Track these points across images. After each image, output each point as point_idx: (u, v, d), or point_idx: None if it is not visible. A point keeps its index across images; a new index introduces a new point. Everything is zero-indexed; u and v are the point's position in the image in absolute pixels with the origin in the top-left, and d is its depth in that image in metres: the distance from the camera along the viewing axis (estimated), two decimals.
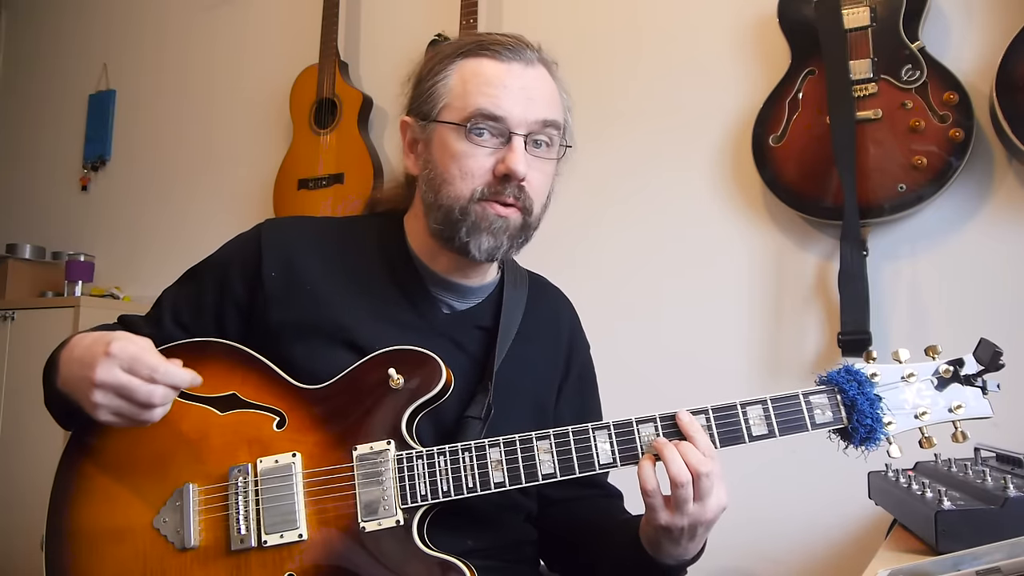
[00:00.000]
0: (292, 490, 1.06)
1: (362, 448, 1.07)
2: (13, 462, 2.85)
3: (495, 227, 1.12)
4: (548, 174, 1.17)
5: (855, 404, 1.01)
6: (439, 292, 1.21)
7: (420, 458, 1.06)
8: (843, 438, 1.04)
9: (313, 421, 1.10)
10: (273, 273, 1.18)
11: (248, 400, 1.11)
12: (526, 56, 1.15)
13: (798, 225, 2.13)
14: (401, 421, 1.08)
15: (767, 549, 2.03)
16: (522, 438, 1.05)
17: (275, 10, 3.10)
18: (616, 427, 1.04)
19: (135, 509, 1.08)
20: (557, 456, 1.04)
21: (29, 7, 3.86)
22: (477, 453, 1.05)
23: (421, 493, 1.04)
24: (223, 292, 1.19)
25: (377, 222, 1.29)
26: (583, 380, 1.35)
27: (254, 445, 1.09)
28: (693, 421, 1.02)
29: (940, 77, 1.89)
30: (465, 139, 1.11)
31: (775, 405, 1.03)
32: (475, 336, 1.22)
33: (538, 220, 1.18)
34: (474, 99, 1.11)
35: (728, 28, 2.27)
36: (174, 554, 1.06)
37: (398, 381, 1.08)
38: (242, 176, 3.02)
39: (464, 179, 1.12)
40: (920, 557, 1.01)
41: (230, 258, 1.22)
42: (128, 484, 1.09)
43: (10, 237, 3.36)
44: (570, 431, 1.05)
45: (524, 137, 1.11)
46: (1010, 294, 1.89)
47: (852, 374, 1.03)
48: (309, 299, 1.17)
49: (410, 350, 1.10)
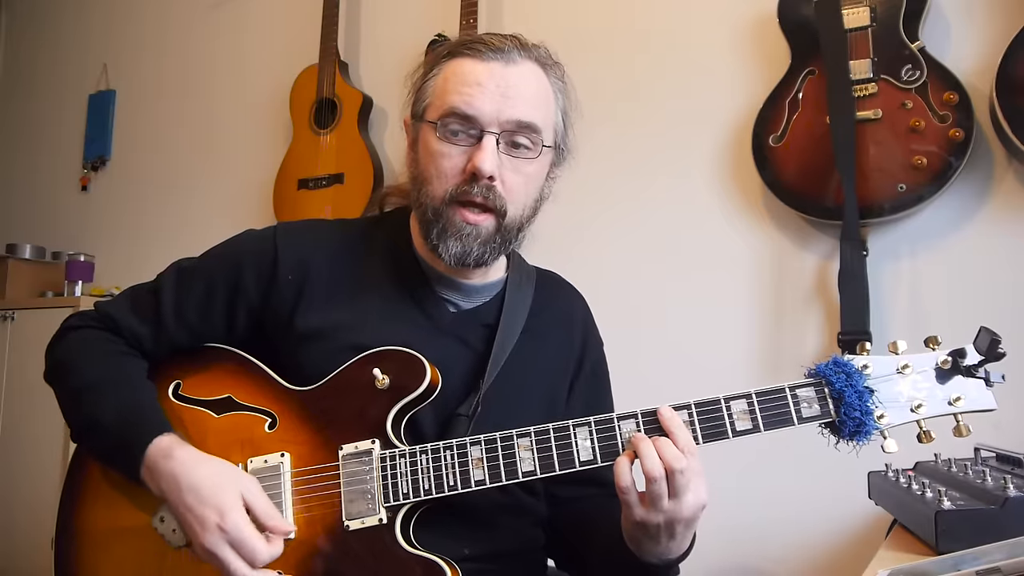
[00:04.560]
0: (280, 489, 1.08)
1: (347, 448, 1.08)
2: (13, 462, 2.85)
3: (464, 233, 1.12)
4: (529, 175, 1.15)
5: (843, 396, 0.98)
6: (444, 291, 1.22)
7: (403, 457, 1.07)
8: (832, 432, 1.01)
9: (302, 421, 1.12)
10: (290, 276, 1.18)
11: (242, 402, 1.14)
12: (509, 55, 1.13)
13: (798, 225, 2.13)
14: (386, 421, 1.09)
15: (767, 549, 2.03)
16: (503, 436, 1.05)
17: (275, 10, 3.10)
18: (597, 424, 1.04)
19: (136, 510, 1.11)
20: (537, 453, 1.04)
21: (29, 7, 3.86)
22: (458, 451, 1.06)
23: (404, 491, 1.05)
24: (236, 293, 1.19)
25: (386, 222, 1.29)
26: (596, 376, 1.35)
27: (246, 446, 1.11)
28: (674, 416, 1.01)
29: (940, 77, 1.89)
30: (440, 138, 1.12)
31: (760, 399, 1.01)
32: (481, 334, 1.22)
33: (519, 221, 1.16)
34: (450, 98, 1.12)
35: (728, 28, 2.27)
36: (169, 553, 1.08)
37: (383, 381, 1.09)
38: (242, 176, 3.02)
39: (439, 179, 1.13)
40: (920, 557, 1.01)
41: (243, 259, 1.20)
42: (131, 486, 1.10)
43: (10, 237, 3.36)
44: (551, 428, 1.05)
45: (497, 136, 1.11)
46: (1010, 294, 1.88)
47: (840, 366, 1.00)
48: (322, 303, 1.18)
49: (395, 350, 1.11)
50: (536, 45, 1.19)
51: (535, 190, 1.18)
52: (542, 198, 1.21)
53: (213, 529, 1.01)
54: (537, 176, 1.17)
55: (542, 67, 1.17)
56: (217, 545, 1.00)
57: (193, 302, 1.19)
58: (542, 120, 1.15)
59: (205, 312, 1.19)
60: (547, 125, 1.16)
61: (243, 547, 1.01)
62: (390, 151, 2.73)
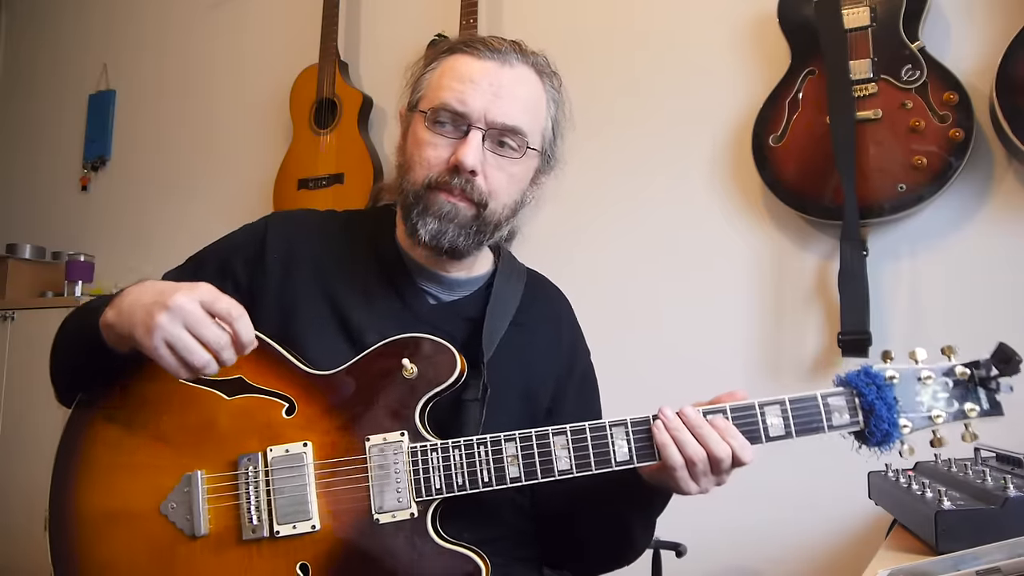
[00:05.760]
0: (304, 480, 1.05)
1: (375, 439, 1.06)
2: (13, 462, 2.85)
3: (442, 212, 1.13)
4: (513, 175, 1.17)
5: (873, 408, 1.01)
6: (424, 283, 1.23)
7: (435, 451, 1.05)
8: (858, 439, 1.03)
9: (324, 409, 1.08)
10: (275, 256, 1.21)
11: (255, 385, 1.09)
12: (507, 57, 1.16)
13: (798, 225, 2.13)
14: (414, 412, 1.07)
15: (767, 549, 2.03)
16: (538, 433, 1.04)
17: (275, 10, 3.10)
18: (634, 424, 1.04)
19: (141, 493, 1.07)
20: (574, 452, 1.03)
21: (29, 7, 3.86)
22: (492, 447, 1.04)
23: (436, 487, 1.04)
24: (223, 273, 1.21)
25: (373, 216, 1.31)
26: (587, 383, 1.35)
27: (264, 432, 1.07)
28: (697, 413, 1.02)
29: (940, 77, 1.90)
30: (429, 128, 1.14)
31: (793, 406, 1.02)
32: (461, 326, 1.22)
33: (497, 218, 1.17)
34: (443, 92, 1.14)
35: (728, 28, 2.27)
36: (184, 541, 1.05)
37: (412, 371, 1.07)
38: (242, 176, 3.03)
39: (422, 166, 1.15)
40: (920, 557, 1.01)
41: (235, 244, 1.25)
42: (132, 467, 1.07)
43: (10, 237, 3.36)
44: (587, 427, 1.04)
45: (484, 132, 1.13)
46: (1010, 294, 1.89)
47: (871, 376, 1.02)
48: (306, 284, 1.19)
49: (424, 338, 1.09)
50: (535, 53, 1.20)
51: (517, 191, 1.19)
52: (524, 202, 1.22)
53: (182, 291, 0.97)
54: (521, 178, 1.19)
55: (538, 74, 1.19)
56: (189, 302, 0.96)
57: (186, 279, 1.20)
58: (529, 124, 1.16)
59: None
60: (535, 130, 1.18)
61: (219, 304, 0.98)
62: (390, 151, 2.73)
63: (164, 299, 0.97)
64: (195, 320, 0.97)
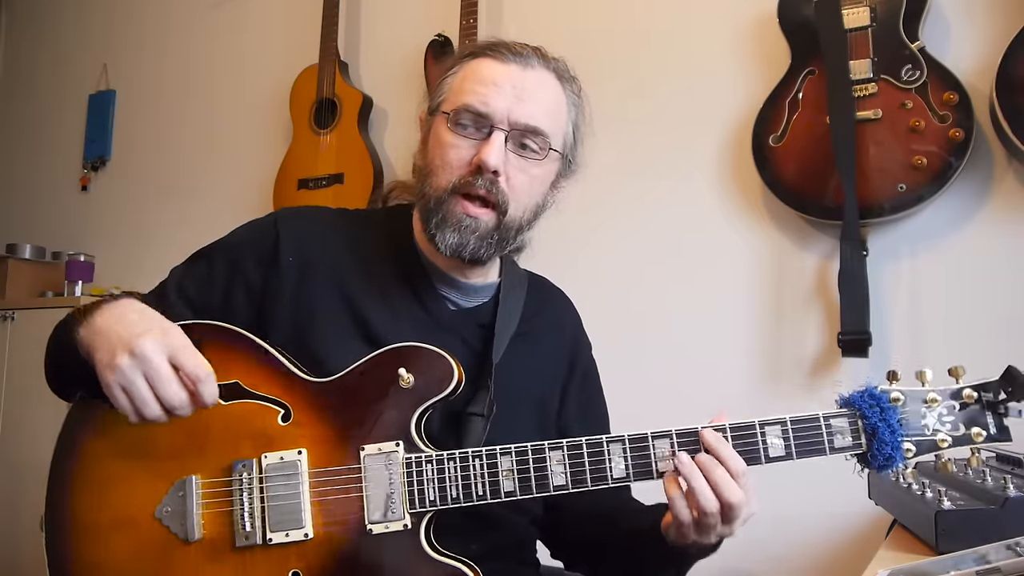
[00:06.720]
0: (298, 488, 1.05)
1: (370, 448, 1.05)
2: (13, 462, 2.85)
3: (463, 225, 1.13)
4: (534, 177, 1.17)
5: (876, 432, 0.98)
6: (444, 289, 1.22)
7: (429, 462, 1.04)
8: (860, 462, 1.01)
9: (319, 417, 1.08)
10: (291, 258, 1.19)
11: (251, 390, 1.09)
12: (528, 60, 1.16)
13: (798, 225, 2.13)
14: (410, 422, 1.06)
15: (767, 549, 2.03)
16: (534, 447, 1.03)
17: (275, 10, 3.10)
18: (631, 441, 1.02)
19: (136, 497, 1.07)
20: (569, 468, 1.02)
21: (29, 7, 3.86)
22: (488, 461, 1.03)
23: (430, 498, 1.03)
24: (234, 271, 1.19)
25: (389, 216, 1.30)
26: (588, 378, 1.35)
27: (258, 439, 1.07)
28: (720, 440, 1.00)
29: (940, 77, 1.89)
30: (451, 130, 1.14)
31: (794, 426, 1.01)
32: (479, 334, 1.22)
33: (519, 223, 1.17)
34: (466, 95, 1.14)
35: (728, 28, 2.27)
36: (178, 546, 1.05)
37: (408, 380, 1.06)
38: (242, 176, 3.02)
39: (444, 169, 1.14)
40: (920, 557, 1.01)
41: (244, 240, 1.23)
42: (128, 471, 1.07)
43: (10, 237, 3.36)
44: (583, 443, 1.03)
45: (506, 134, 1.13)
46: (1010, 294, 1.88)
47: (875, 399, 1.00)
48: (324, 287, 1.18)
49: (422, 347, 1.08)
50: (556, 58, 1.21)
51: (538, 193, 1.19)
52: (544, 204, 1.22)
53: (152, 334, 0.96)
54: (542, 179, 1.18)
55: (559, 78, 1.19)
56: (154, 350, 0.95)
57: (194, 278, 1.21)
58: (551, 126, 1.16)
59: (204, 286, 1.20)
60: (556, 132, 1.17)
61: (185, 358, 0.97)
62: (390, 151, 2.73)
63: (131, 341, 0.96)
64: (156, 376, 0.96)
